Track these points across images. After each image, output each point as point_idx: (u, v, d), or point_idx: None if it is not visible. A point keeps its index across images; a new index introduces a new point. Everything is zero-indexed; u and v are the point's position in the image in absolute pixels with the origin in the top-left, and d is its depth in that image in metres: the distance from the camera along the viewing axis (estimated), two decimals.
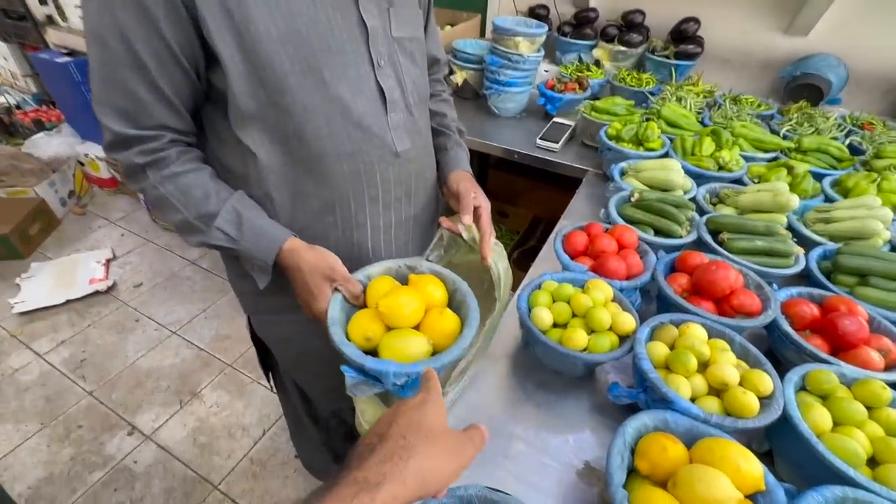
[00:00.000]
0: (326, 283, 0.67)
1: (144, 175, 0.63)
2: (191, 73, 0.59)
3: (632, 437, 0.57)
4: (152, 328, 1.97)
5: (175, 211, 0.65)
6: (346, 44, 0.63)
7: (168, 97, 0.59)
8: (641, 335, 0.70)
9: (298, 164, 0.67)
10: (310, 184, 0.69)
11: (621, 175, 1.16)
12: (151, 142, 0.61)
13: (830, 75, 1.56)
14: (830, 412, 0.61)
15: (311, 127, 0.64)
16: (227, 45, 0.56)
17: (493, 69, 1.61)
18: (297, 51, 0.59)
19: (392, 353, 0.60)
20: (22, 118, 3.01)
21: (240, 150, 0.66)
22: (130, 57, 0.55)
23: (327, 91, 0.63)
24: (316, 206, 0.71)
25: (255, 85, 0.60)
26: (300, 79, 0.61)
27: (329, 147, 0.66)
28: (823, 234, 0.97)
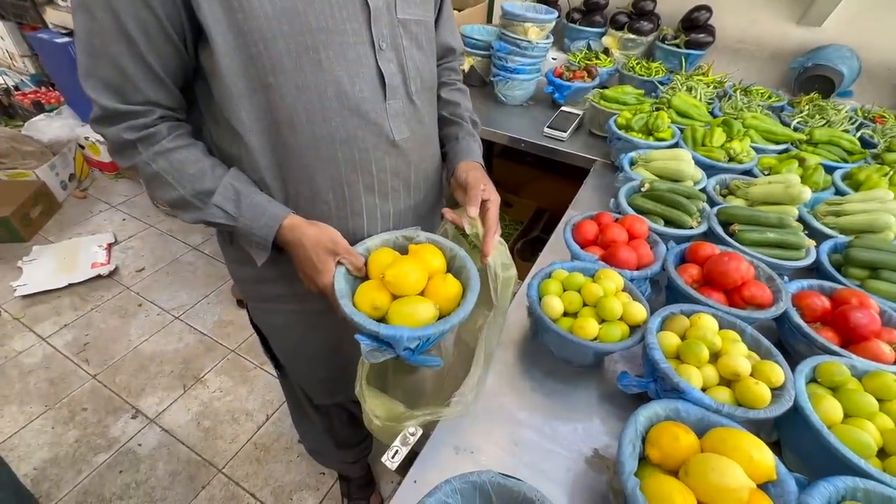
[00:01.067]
0: (330, 257, 0.66)
1: (136, 150, 0.61)
2: (180, 47, 0.57)
3: (643, 425, 0.57)
4: (155, 313, 1.97)
5: (170, 188, 0.63)
6: (346, 23, 0.60)
7: (156, 71, 0.57)
8: (653, 325, 0.69)
9: (290, 149, 0.65)
10: (302, 169, 0.67)
11: (631, 165, 1.15)
12: (140, 117, 0.59)
13: (843, 67, 1.54)
14: (841, 404, 0.61)
15: (305, 110, 0.61)
16: (217, 19, 0.54)
17: (500, 55, 1.59)
18: (293, 28, 0.57)
19: (402, 319, 0.61)
20: (21, 99, 2.97)
21: (231, 132, 0.64)
22: (117, 28, 0.52)
23: (323, 73, 0.60)
24: (308, 194, 0.69)
25: (245, 63, 0.57)
26: (294, 58, 0.58)
27: (323, 132, 0.64)
28: (834, 227, 0.96)
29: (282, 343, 0.95)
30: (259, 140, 0.63)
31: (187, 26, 0.55)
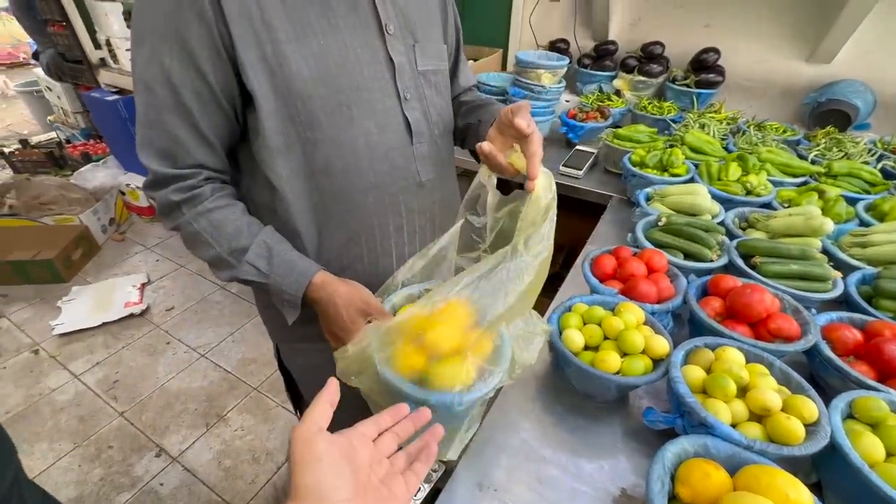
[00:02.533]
0: (362, 317, 0.67)
1: (180, 212, 0.65)
2: (229, 113, 0.63)
3: (672, 462, 0.56)
4: (182, 350, 2.02)
5: (207, 247, 0.66)
6: (374, 80, 0.66)
7: (207, 137, 0.62)
8: (676, 358, 0.69)
9: (325, 198, 0.69)
10: (336, 217, 0.71)
11: (647, 200, 1.17)
12: (188, 179, 0.64)
13: (857, 101, 1.55)
14: (882, 441, 0.58)
15: (339, 161, 0.66)
16: (262, 85, 0.60)
17: (515, 100, 1.67)
18: (328, 89, 0.62)
19: (445, 381, 0.60)
20: (71, 151, 3.22)
21: (268, 186, 0.68)
22: (175, 101, 0.58)
23: (355, 126, 0.65)
24: (342, 239, 0.73)
25: (285, 121, 0.63)
26: (329, 115, 0.64)
27: (355, 179, 0.68)
28: (861, 258, 0.95)
29: (312, 385, 0.96)
30: (295, 191, 0.68)
31: (236, 93, 0.61)
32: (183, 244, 0.69)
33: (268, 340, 1.60)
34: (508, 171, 0.66)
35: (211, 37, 0.56)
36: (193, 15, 0.55)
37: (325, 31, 0.61)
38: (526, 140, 0.62)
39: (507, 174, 0.67)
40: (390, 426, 0.51)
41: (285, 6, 0.59)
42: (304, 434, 0.41)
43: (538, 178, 0.60)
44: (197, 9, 0.54)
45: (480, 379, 0.60)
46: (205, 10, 0.55)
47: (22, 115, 4.72)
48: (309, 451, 0.40)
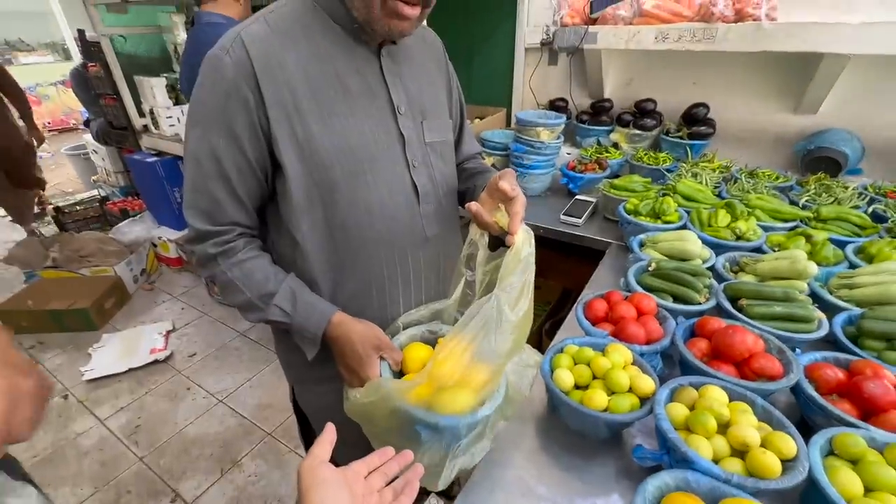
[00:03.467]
0: (375, 353, 0.77)
1: (215, 262, 0.76)
2: (261, 179, 0.75)
3: (653, 495, 0.59)
4: (201, 396, 2.08)
5: (240, 293, 0.76)
6: (387, 151, 0.78)
7: (242, 199, 0.74)
8: (661, 396, 0.73)
9: (340, 252, 0.79)
10: (349, 268, 0.81)
11: (640, 247, 1.23)
12: (224, 235, 0.75)
13: (845, 148, 1.62)
14: (861, 477, 0.60)
15: (354, 219, 0.77)
16: (291, 156, 0.72)
17: (517, 155, 1.79)
18: (347, 160, 0.74)
19: (451, 408, 0.69)
20: (111, 208, 3.49)
21: (291, 240, 0.79)
22: (218, 170, 0.71)
23: (369, 190, 0.77)
24: (355, 287, 0.82)
25: (309, 186, 0.74)
26: (347, 181, 0.75)
27: (368, 235, 0.79)
28: (848, 299, 0.98)
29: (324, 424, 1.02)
30: (314, 245, 0.78)
31: (268, 164, 0.73)
32: (207, 293, 0.80)
33: (284, 385, 1.66)
34: (493, 228, 0.75)
35: (252, 121, 0.69)
36: (240, 104, 0.68)
37: (346, 114, 0.74)
38: (510, 201, 0.72)
39: (493, 231, 0.76)
40: (378, 466, 0.58)
41: (314, 94, 0.71)
42: (310, 464, 0.51)
43: (518, 233, 0.69)
44: (243, 100, 0.68)
45: (479, 405, 0.69)
46: (249, 101, 0.68)
47: (68, 175, 5.14)
48: (315, 477, 0.49)
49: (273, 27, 0.70)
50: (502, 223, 0.74)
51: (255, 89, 0.67)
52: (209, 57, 0.68)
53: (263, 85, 0.67)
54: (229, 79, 0.66)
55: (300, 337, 0.79)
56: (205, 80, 0.69)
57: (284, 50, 0.69)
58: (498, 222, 0.74)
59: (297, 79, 0.69)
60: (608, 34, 1.80)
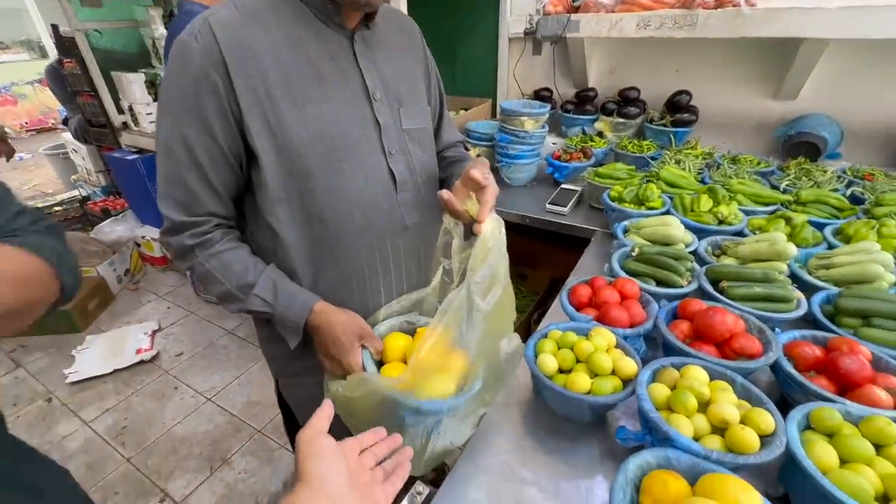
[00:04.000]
0: (357, 341, 0.77)
1: (193, 254, 0.74)
2: (235, 168, 0.73)
3: (634, 473, 0.60)
4: (189, 395, 2.06)
5: (218, 283, 0.75)
6: (362, 139, 0.77)
7: (217, 189, 0.73)
8: (643, 377, 0.73)
9: (320, 241, 0.78)
10: (330, 257, 0.80)
11: (624, 233, 1.24)
12: (201, 226, 0.73)
13: (824, 133, 1.64)
14: (837, 450, 0.62)
15: (332, 207, 0.76)
16: (264, 144, 0.70)
17: (502, 145, 1.79)
18: (321, 148, 0.73)
19: (429, 393, 0.70)
20: (92, 208, 3.42)
21: (270, 231, 0.78)
22: (190, 159, 0.69)
23: (345, 177, 0.76)
24: (335, 277, 0.82)
25: (285, 175, 0.73)
26: (323, 169, 0.74)
27: (347, 224, 0.78)
28: (826, 279, 1.00)
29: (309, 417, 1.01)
30: (293, 235, 0.77)
31: (242, 152, 0.72)
32: (193, 292, 0.78)
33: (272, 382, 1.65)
34: (464, 216, 0.75)
35: (222, 107, 0.67)
36: (209, 91, 0.66)
37: (319, 100, 0.72)
38: (481, 190, 0.72)
39: (464, 220, 0.76)
40: (370, 445, 0.58)
41: (286, 80, 0.70)
42: (309, 434, 0.52)
43: (485, 222, 0.70)
44: (212, 86, 0.66)
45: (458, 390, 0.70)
46: (218, 87, 0.66)
47: (48, 175, 5.02)
48: (312, 447, 0.50)
49: (242, 12, 0.68)
50: (473, 212, 0.74)
51: (225, 75, 0.66)
52: (177, 43, 0.66)
53: (233, 71, 0.66)
54: (197, 65, 0.65)
55: (282, 327, 0.79)
56: (173, 66, 0.67)
57: (255, 35, 0.68)
58: (468, 211, 0.74)
59: (269, 65, 0.68)
60: (590, 22, 1.80)
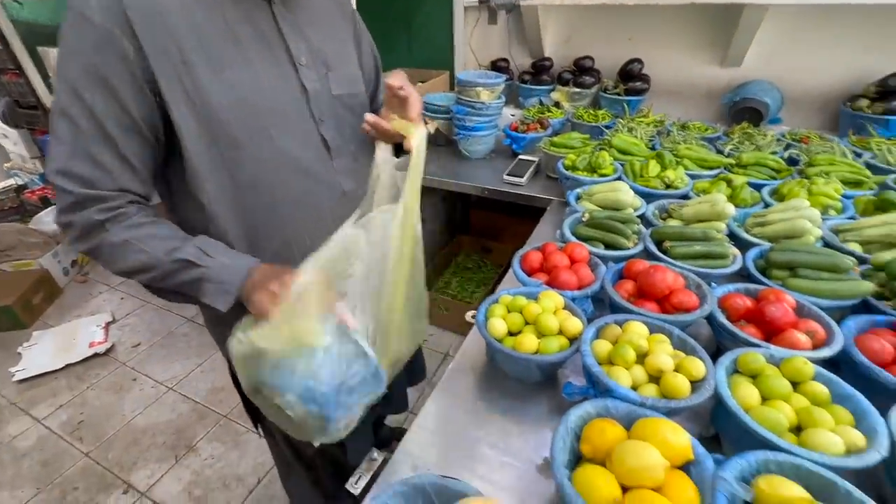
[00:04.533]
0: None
1: (102, 229, 0.64)
2: (151, 140, 0.66)
3: (575, 423, 0.63)
4: (149, 385, 2.00)
5: (138, 252, 0.66)
6: (290, 105, 0.73)
7: (131, 163, 0.65)
8: (587, 335, 0.76)
9: (254, 212, 0.75)
10: (267, 229, 0.77)
11: (577, 200, 1.26)
12: (112, 201, 0.65)
13: (767, 98, 1.71)
14: (759, 389, 0.66)
15: (264, 177, 0.73)
16: (183, 113, 0.65)
17: (459, 117, 1.77)
18: (245, 115, 0.69)
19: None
20: (29, 197, 3.19)
21: (197, 206, 0.72)
22: (99, 132, 0.61)
23: (275, 145, 0.72)
24: (275, 250, 0.78)
25: (209, 144, 0.68)
26: (249, 137, 0.70)
27: (281, 194, 0.75)
28: (761, 236, 1.05)
29: None
30: (224, 209, 0.73)
31: (159, 123, 0.66)
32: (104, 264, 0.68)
33: None
34: (395, 136, 0.75)
35: (133, 75, 0.62)
36: (114, 56, 0.60)
37: (240, 66, 0.68)
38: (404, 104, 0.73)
39: (394, 139, 0.76)
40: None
41: (201, 44, 0.65)
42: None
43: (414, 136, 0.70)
44: (117, 51, 0.60)
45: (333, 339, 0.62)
46: (124, 50, 0.60)
47: None
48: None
49: None
50: (399, 127, 0.74)
51: (132, 37, 0.60)
52: (71, 3, 0.59)
53: (141, 33, 0.60)
54: (97, 25, 0.59)
55: (216, 289, 0.69)
56: (70, 29, 0.60)
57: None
58: (396, 128, 0.74)
59: (180, 26, 0.63)
60: None
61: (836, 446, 0.57)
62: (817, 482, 0.53)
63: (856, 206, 1.15)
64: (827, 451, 0.57)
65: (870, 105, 1.61)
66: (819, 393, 0.65)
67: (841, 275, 0.88)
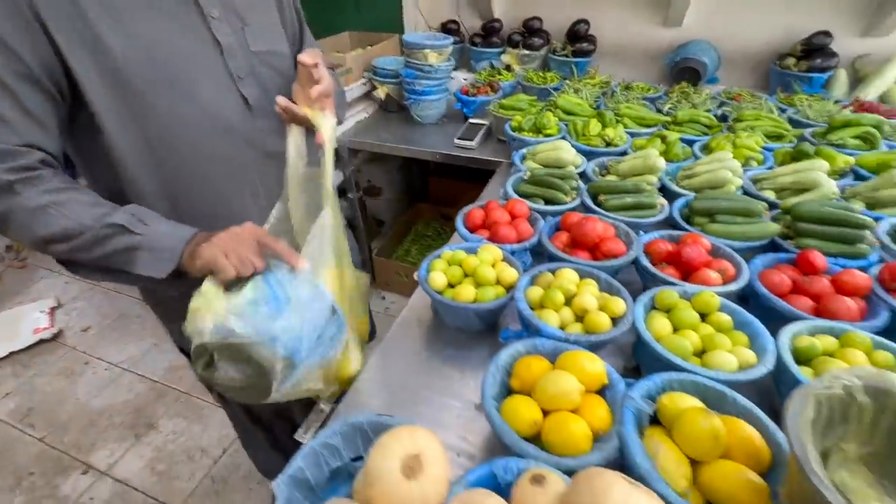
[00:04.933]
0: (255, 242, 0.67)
1: (11, 191, 0.59)
2: (54, 93, 0.62)
3: (506, 362, 0.67)
4: (103, 368, 1.95)
5: (60, 218, 0.60)
6: (201, 59, 0.70)
7: (34, 115, 0.61)
8: (522, 283, 0.80)
9: (172, 172, 0.72)
10: (188, 190, 0.75)
11: (522, 160, 1.30)
12: (20, 158, 0.60)
13: (705, 58, 1.77)
14: (671, 321, 0.73)
15: (178, 134, 0.70)
16: (84, 64, 0.61)
17: (408, 81, 1.75)
18: (150, 69, 0.65)
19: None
20: None
21: (110, 170, 0.69)
22: None
23: (190, 101, 0.70)
24: (199, 212, 0.76)
25: (114, 101, 0.65)
26: (159, 92, 0.67)
27: (203, 153, 0.73)
28: (689, 187, 1.12)
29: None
30: (140, 170, 0.70)
31: (60, 74, 0.62)
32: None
33: None
34: (307, 122, 0.74)
35: (22, 19, 0.57)
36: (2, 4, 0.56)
37: (142, 16, 0.64)
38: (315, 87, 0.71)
39: (306, 125, 0.75)
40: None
41: None
42: None
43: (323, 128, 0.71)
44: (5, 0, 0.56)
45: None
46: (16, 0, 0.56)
47: None
48: None
49: None
50: (310, 116, 0.74)
51: None
52: None
53: None
54: None
55: (151, 257, 0.65)
56: None
57: None
58: (308, 116, 0.74)
59: None
60: None
61: (730, 364, 0.65)
62: (712, 395, 0.60)
63: (775, 158, 1.24)
64: (723, 368, 0.64)
65: (796, 63, 1.70)
66: (723, 321, 0.72)
67: (753, 219, 0.96)
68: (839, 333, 0.70)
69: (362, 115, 1.94)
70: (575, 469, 0.51)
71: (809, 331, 0.70)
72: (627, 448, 0.53)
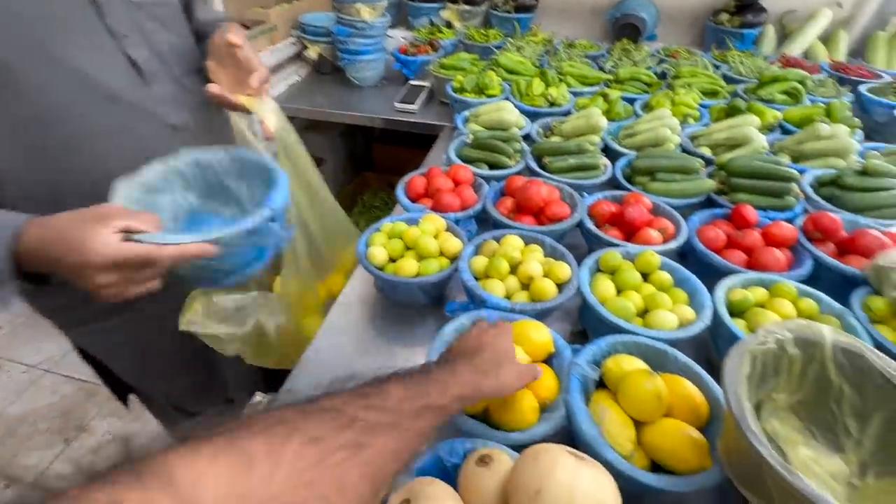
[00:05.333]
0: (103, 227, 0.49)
1: None
2: None
3: (450, 335, 0.64)
4: (19, 371, 1.75)
5: None
6: (72, 15, 0.58)
7: None
8: (466, 252, 0.77)
9: (50, 153, 0.61)
10: (73, 169, 0.63)
11: (465, 123, 1.24)
12: None
13: (644, 14, 1.76)
14: (615, 283, 0.73)
15: (54, 107, 0.58)
16: None
17: (341, 39, 1.61)
18: (10, 30, 0.53)
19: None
20: None
21: None
22: None
23: (61, 66, 0.58)
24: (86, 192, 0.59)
25: None
26: (20, 55, 0.54)
27: (83, 127, 0.61)
28: (630, 146, 1.12)
29: (128, 361, 0.91)
30: (6, 153, 0.58)
31: None
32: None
33: None
34: (242, 109, 0.66)
35: None
36: None
37: None
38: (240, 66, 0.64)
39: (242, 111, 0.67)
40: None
41: None
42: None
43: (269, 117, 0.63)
44: None
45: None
46: None
47: None
48: None
49: None
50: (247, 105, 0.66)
51: None
52: None
53: None
54: None
55: None
56: None
57: None
58: (243, 103, 0.66)
59: None
60: None
61: (671, 323, 0.65)
62: (653, 354, 0.61)
63: (711, 114, 1.26)
64: (664, 327, 0.65)
65: (730, 19, 1.72)
66: (664, 280, 0.73)
67: (691, 176, 0.97)
68: (769, 284, 0.72)
69: (294, 78, 1.78)
70: (523, 444, 0.49)
71: (742, 283, 0.72)
72: (574, 416, 0.53)
